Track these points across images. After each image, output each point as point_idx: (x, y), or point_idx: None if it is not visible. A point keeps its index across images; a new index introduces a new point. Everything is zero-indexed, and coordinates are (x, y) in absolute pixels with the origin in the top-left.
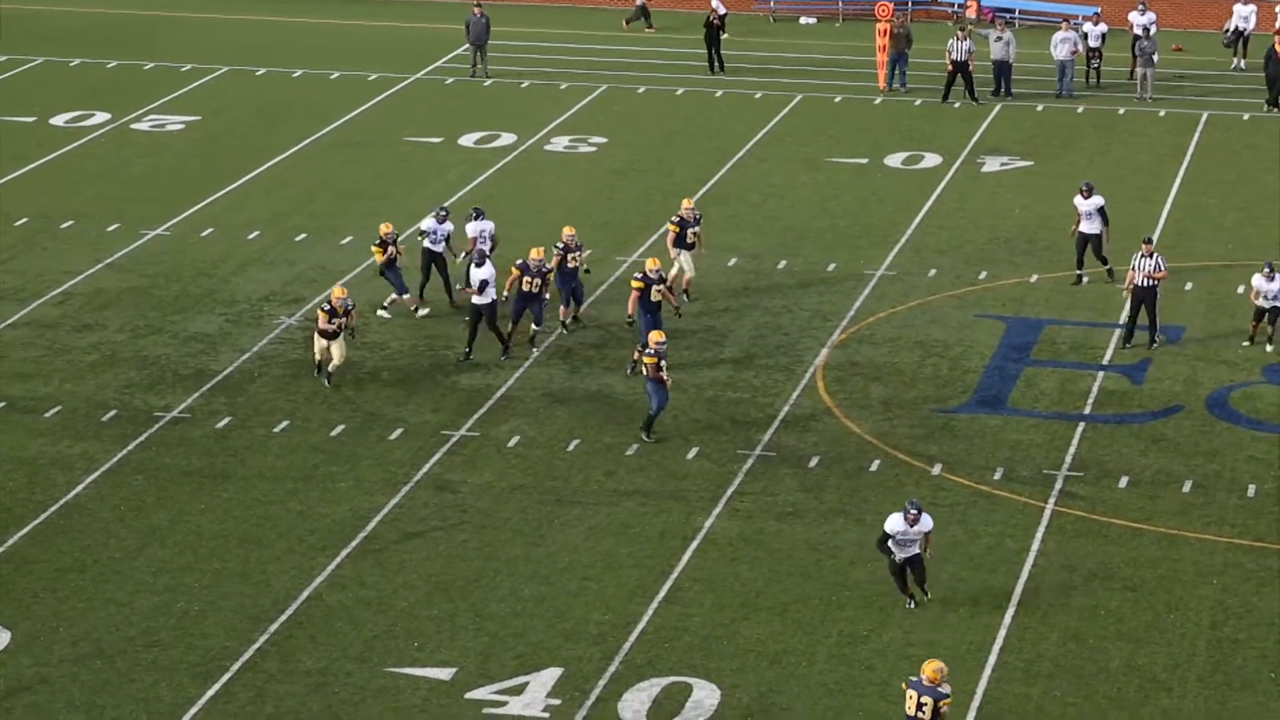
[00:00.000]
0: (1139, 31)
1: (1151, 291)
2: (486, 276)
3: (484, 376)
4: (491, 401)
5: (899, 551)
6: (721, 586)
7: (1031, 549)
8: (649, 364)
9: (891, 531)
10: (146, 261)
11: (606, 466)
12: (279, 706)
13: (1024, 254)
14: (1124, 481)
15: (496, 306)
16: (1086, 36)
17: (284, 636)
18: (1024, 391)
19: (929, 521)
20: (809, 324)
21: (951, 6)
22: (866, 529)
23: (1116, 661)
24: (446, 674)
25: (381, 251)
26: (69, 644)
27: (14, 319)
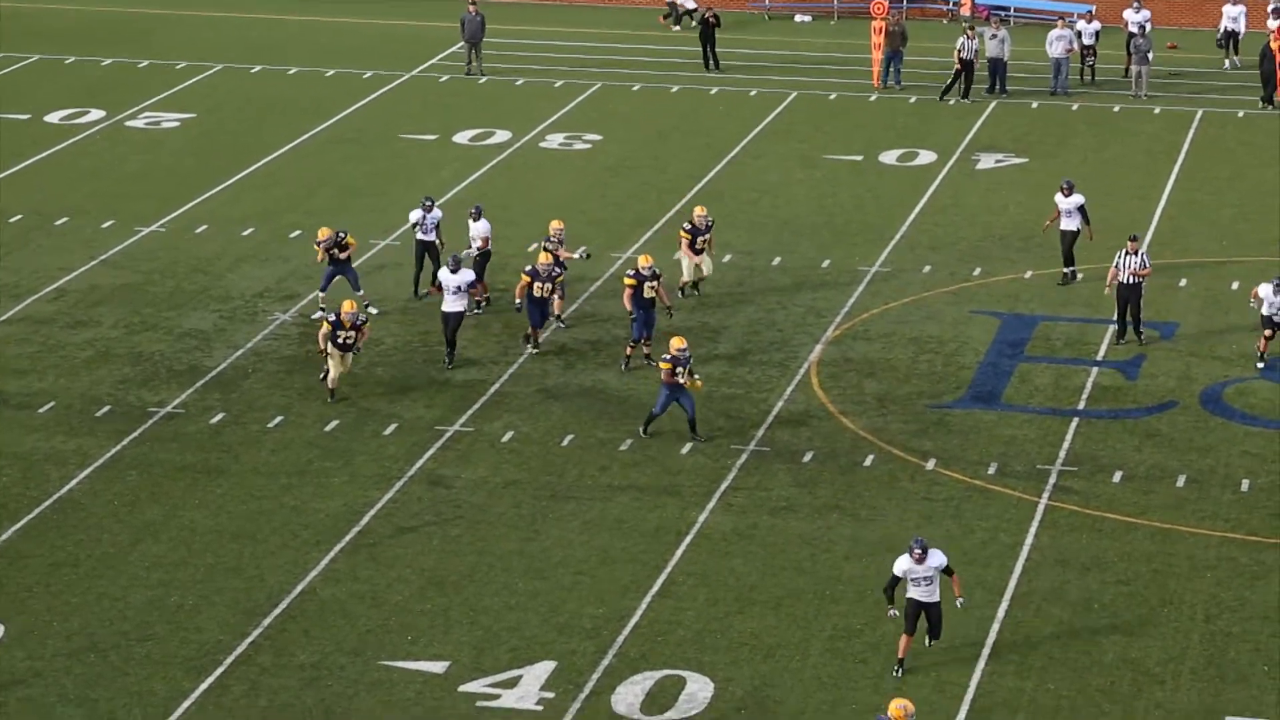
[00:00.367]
0: (1134, 29)
1: (1136, 289)
2: (460, 283)
3: (478, 372)
4: (485, 397)
5: (916, 593)
6: (715, 581)
7: (1025, 543)
8: (664, 369)
9: (900, 573)
10: (141, 258)
11: (600, 462)
12: (272, 700)
13: (1018, 251)
14: (1118, 476)
15: (463, 317)
16: (1081, 34)
17: (278, 630)
18: (1018, 387)
19: (941, 557)
20: (803, 320)
21: (947, 4)
22: (861, 524)
23: (1110, 655)
24: (440, 667)
25: (323, 253)
26: (63, 638)
27: (8, 315)
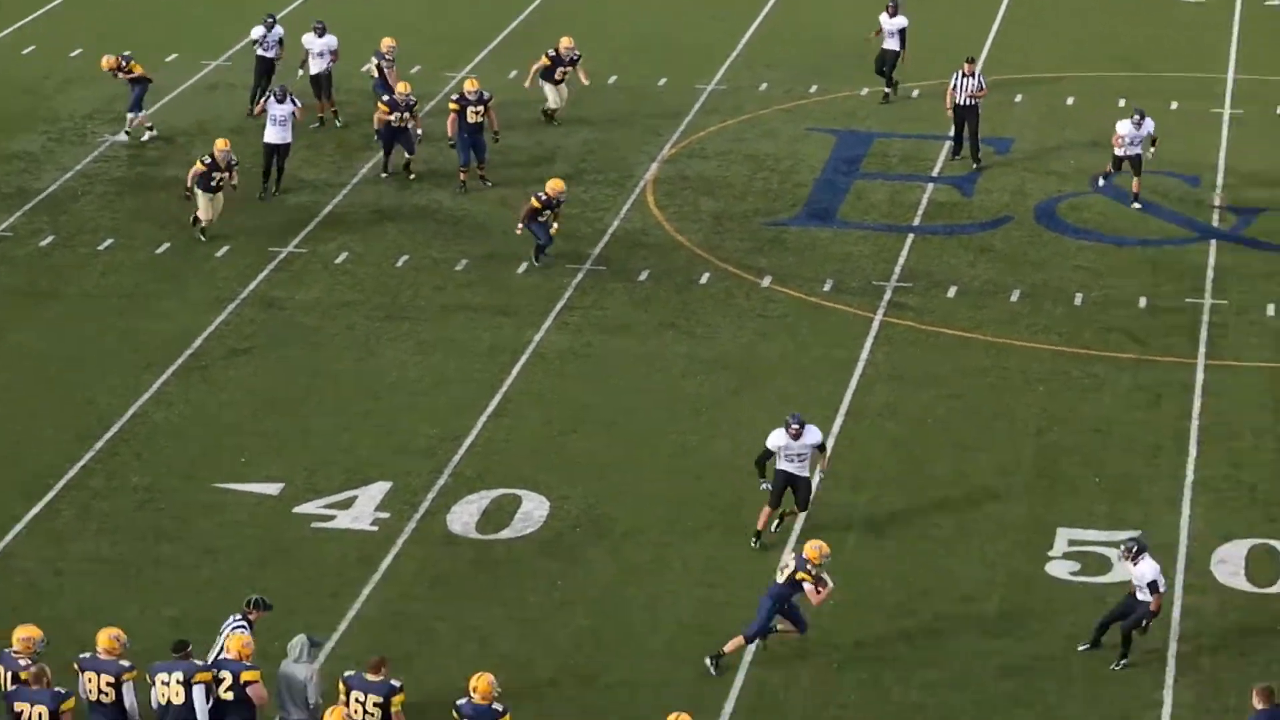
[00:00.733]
0: None
1: (974, 110)
2: (286, 113)
3: (311, 194)
4: (319, 218)
5: (787, 466)
6: (551, 400)
7: (860, 359)
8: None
9: (774, 447)
10: None
11: (435, 282)
12: (104, 523)
13: (854, 68)
14: (952, 291)
15: (290, 148)
16: None
17: (109, 454)
18: (854, 204)
19: (816, 433)
20: (639, 139)
21: None
22: (696, 341)
23: (944, 468)
24: (274, 489)
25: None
26: None
27: None
